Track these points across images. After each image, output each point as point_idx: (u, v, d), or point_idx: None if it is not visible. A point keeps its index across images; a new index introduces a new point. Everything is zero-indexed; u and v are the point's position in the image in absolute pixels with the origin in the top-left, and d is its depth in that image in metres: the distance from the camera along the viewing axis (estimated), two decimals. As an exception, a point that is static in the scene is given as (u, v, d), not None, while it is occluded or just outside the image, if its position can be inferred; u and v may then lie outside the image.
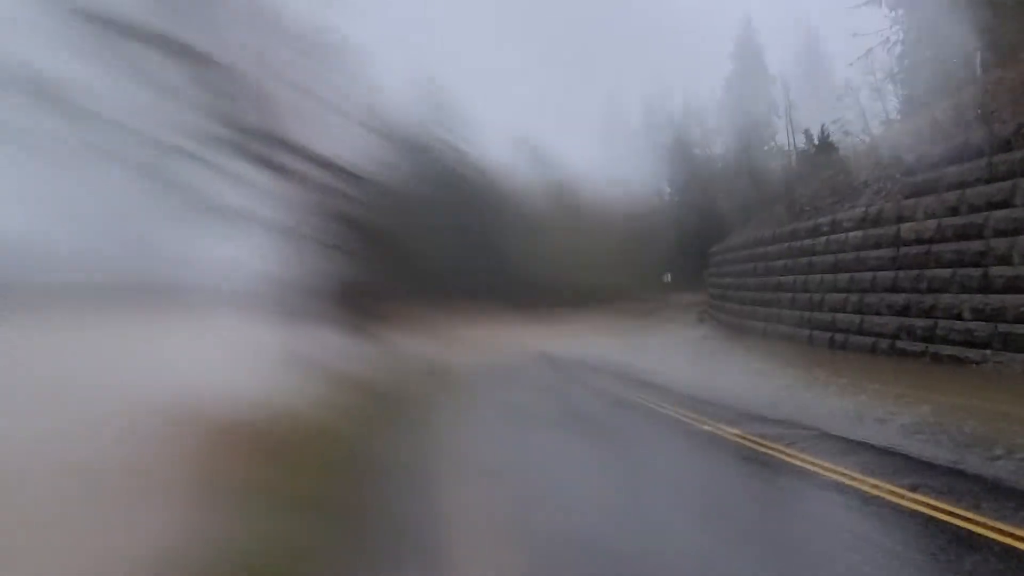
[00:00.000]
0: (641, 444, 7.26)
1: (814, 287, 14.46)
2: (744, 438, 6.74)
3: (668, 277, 39.57)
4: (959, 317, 10.43)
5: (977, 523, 4.03)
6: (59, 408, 8.81)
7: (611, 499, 5.22)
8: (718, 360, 14.02)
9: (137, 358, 11.52)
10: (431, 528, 4.73)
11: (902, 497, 4.64)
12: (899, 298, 11.76)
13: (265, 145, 15.59)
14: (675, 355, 15.10)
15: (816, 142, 53.43)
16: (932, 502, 4.48)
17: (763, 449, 6.28)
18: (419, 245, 18.13)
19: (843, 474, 5.28)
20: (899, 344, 11.67)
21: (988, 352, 9.78)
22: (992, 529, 3.92)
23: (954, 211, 10.75)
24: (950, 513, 4.23)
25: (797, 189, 19.13)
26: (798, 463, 5.71)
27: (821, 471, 5.41)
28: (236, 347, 12.49)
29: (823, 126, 48.69)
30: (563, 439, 7.43)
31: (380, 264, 16.90)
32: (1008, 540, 3.76)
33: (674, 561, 3.90)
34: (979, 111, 11.81)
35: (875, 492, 4.82)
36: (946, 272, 10.78)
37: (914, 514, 4.32)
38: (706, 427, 7.42)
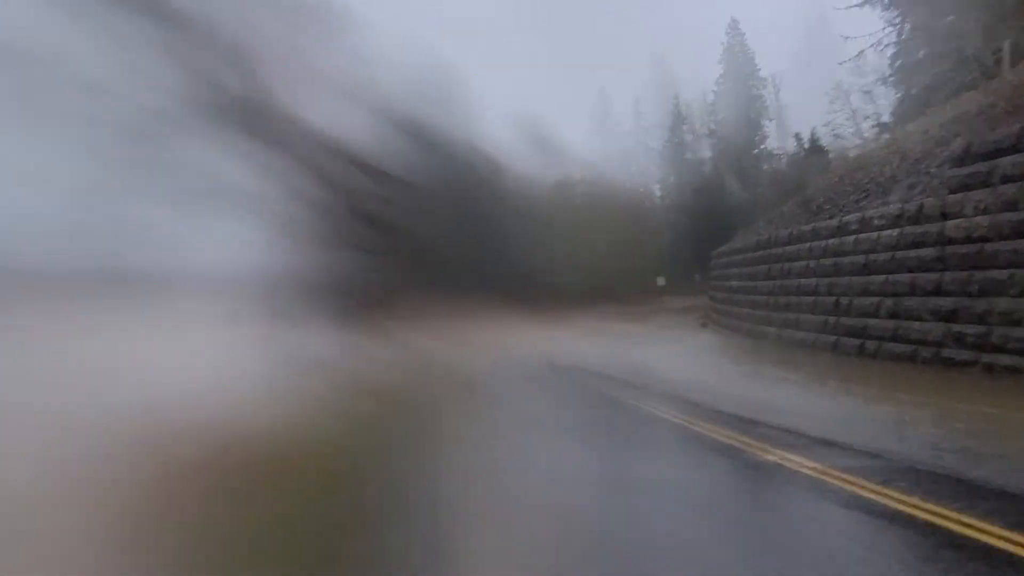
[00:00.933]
0: (700, 480, 6.01)
1: (840, 290, 13.38)
2: (825, 474, 5.50)
3: (662, 280, 38.76)
4: (1020, 323, 9.36)
5: None
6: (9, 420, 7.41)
7: (680, 558, 3.97)
8: (747, 370, 12.77)
9: (110, 357, 10.06)
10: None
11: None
12: (945, 302, 10.68)
13: (259, 121, 14.42)
14: (695, 363, 13.86)
15: (807, 145, 53.17)
16: None
17: (859, 491, 5.04)
18: (422, 233, 16.77)
19: (988, 532, 4.06)
20: (945, 353, 10.59)
21: (1058, 363, 8.73)
22: None
23: (1012, 206, 9.69)
24: None
25: (809, 187, 18.16)
26: (917, 513, 4.49)
27: (956, 527, 4.19)
28: (230, 346, 11.40)
29: (813, 129, 48.28)
30: (604, 467, 6.18)
31: (383, 254, 15.75)
32: None
33: None
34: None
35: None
36: (1003, 274, 9.71)
37: None
38: (770, 456, 6.18)
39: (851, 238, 13.21)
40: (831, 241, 13.94)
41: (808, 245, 14.81)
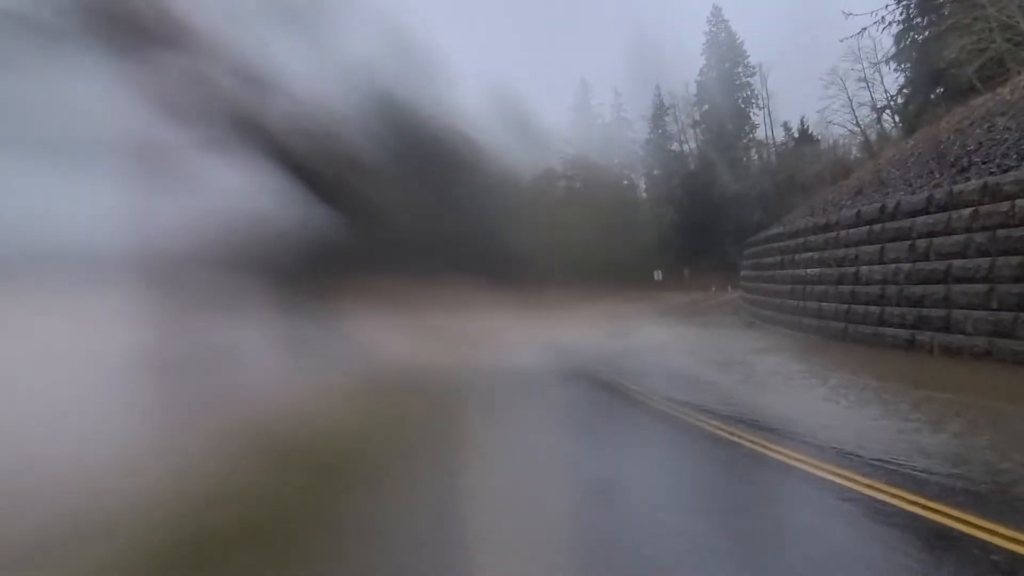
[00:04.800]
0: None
1: (1039, 273, 9.07)
2: None
3: (659, 275, 35.41)
4: None
5: None
6: None
7: None
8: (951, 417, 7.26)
9: None
10: None
11: None
12: None
13: (161, 39, 10.80)
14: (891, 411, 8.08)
15: (796, 135, 50.07)
16: None
17: None
18: (384, 203, 12.67)
19: None
20: None
21: None
22: None
23: None
24: None
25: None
26: None
27: None
28: (107, 355, 8.09)
29: (803, 118, 45.00)
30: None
31: (334, 226, 11.73)
32: None
33: None
34: None
35: None
36: None
37: None
38: None
39: (1064, 195, 8.89)
40: (1005, 204, 9.61)
41: (964, 212, 10.46)
